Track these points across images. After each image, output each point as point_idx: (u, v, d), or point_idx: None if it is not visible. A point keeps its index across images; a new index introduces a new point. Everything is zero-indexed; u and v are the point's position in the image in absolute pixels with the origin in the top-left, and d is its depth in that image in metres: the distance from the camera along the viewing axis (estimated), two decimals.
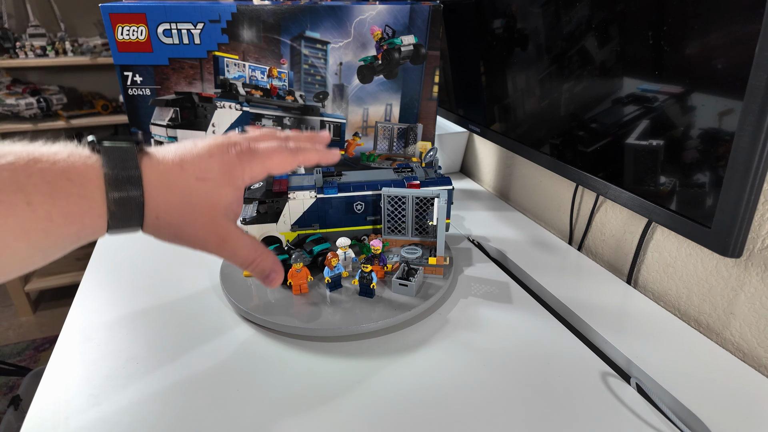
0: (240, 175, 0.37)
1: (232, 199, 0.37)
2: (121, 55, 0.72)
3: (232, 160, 0.36)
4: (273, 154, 0.39)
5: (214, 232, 0.36)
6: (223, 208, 0.36)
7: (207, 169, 0.35)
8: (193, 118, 0.76)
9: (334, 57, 0.73)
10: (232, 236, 0.37)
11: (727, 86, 0.39)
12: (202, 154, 0.36)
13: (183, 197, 0.34)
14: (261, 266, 0.39)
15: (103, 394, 0.42)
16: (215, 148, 0.36)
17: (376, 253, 0.53)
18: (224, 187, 0.36)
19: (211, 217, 0.35)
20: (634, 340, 0.49)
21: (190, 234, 0.35)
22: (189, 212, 0.34)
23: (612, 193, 0.52)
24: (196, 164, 0.35)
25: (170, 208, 0.34)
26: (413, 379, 0.44)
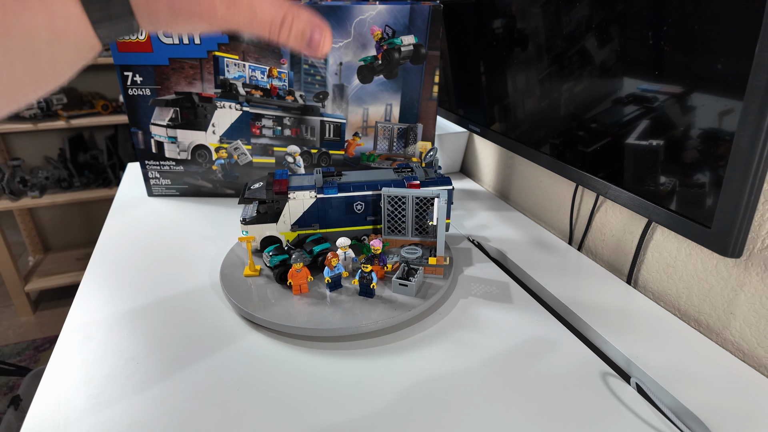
0: None
1: None
2: (121, 55, 0.72)
3: None
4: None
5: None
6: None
7: None
8: (193, 118, 0.76)
9: (334, 57, 0.73)
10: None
11: (727, 86, 0.39)
12: None
13: None
14: (297, 24, 0.29)
15: (103, 394, 0.42)
16: None
17: (376, 253, 0.53)
18: None
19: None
20: (634, 340, 0.49)
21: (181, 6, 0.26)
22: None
23: (612, 193, 0.52)
24: None
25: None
26: (413, 379, 0.44)
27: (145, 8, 0.27)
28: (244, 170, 0.80)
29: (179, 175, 0.80)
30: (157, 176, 0.80)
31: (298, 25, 0.28)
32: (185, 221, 0.74)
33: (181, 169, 0.80)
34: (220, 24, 0.27)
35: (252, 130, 0.77)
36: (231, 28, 0.27)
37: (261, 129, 0.77)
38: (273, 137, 0.78)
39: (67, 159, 2.09)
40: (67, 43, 0.25)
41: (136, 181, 0.90)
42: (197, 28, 0.27)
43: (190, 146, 0.78)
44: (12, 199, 1.97)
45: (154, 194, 0.82)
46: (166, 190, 0.82)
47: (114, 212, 0.77)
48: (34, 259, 2.10)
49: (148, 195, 0.83)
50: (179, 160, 0.79)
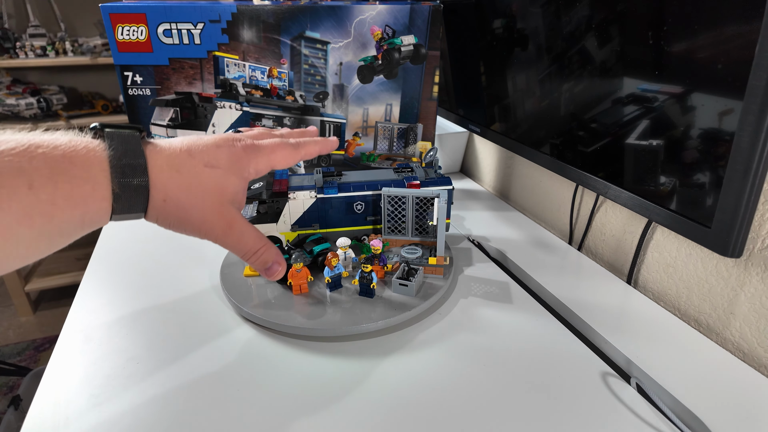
0: (246, 167, 0.38)
1: (239, 189, 0.38)
2: (121, 55, 0.72)
3: (238, 152, 0.37)
4: (276, 148, 0.40)
5: (221, 216, 0.36)
6: (230, 194, 0.37)
7: (215, 157, 0.36)
8: (193, 118, 0.76)
9: (334, 57, 0.73)
10: (238, 223, 0.37)
11: (727, 86, 0.39)
12: (210, 144, 0.37)
13: (192, 180, 0.34)
14: (264, 257, 0.39)
15: (103, 394, 0.42)
16: (221, 141, 0.37)
17: (376, 253, 0.53)
18: (232, 176, 0.37)
19: (219, 201, 0.36)
20: (634, 340, 0.49)
21: (197, 217, 0.35)
22: (198, 195, 0.35)
23: (612, 193, 0.52)
24: (204, 152, 0.36)
25: (179, 190, 0.34)
26: (413, 379, 0.44)
27: (159, 213, 0.34)
28: None
29: None
30: None
31: (264, 258, 0.39)
32: None
33: None
34: (214, 240, 0.37)
35: None
36: (220, 244, 0.37)
37: None
38: None
39: None
40: (87, 228, 0.32)
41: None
42: (190, 235, 0.37)
43: None
44: None
45: None
46: None
47: None
48: None
49: None
50: None
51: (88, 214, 0.31)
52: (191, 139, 0.37)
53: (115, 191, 0.31)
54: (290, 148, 0.41)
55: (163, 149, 0.34)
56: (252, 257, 0.39)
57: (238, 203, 0.38)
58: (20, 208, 0.27)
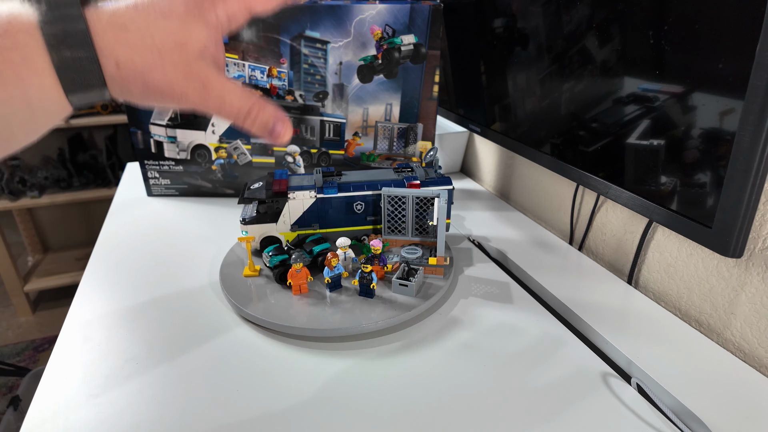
0: (210, 9, 0.31)
1: (206, 39, 0.31)
2: None
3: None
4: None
5: (189, 76, 0.30)
6: (196, 47, 0.30)
7: (168, 4, 0.30)
8: (193, 117, 0.76)
9: (334, 56, 0.73)
10: (215, 80, 0.31)
11: (727, 86, 0.39)
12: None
13: (143, 35, 0.29)
14: (261, 116, 0.33)
15: (102, 394, 0.42)
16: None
17: (376, 253, 0.53)
18: (192, 23, 0.30)
19: (182, 57, 0.30)
20: (634, 340, 0.49)
21: (161, 79, 0.30)
22: (154, 52, 0.29)
23: (613, 192, 0.52)
24: (154, 2, 0.30)
25: (130, 51, 0.29)
26: (413, 379, 0.44)
27: (119, 82, 0.29)
28: (243, 170, 0.80)
29: (179, 175, 0.80)
30: (157, 176, 0.80)
31: (262, 117, 0.32)
32: (185, 221, 0.74)
33: (180, 169, 0.80)
34: (191, 107, 0.31)
35: None
36: (201, 111, 0.31)
37: None
38: None
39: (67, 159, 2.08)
40: (40, 109, 0.28)
41: (135, 181, 0.90)
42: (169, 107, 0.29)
43: (189, 146, 0.78)
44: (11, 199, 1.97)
45: (153, 194, 0.82)
46: (166, 190, 0.82)
47: (113, 212, 0.77)
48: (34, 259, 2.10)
49: (148, 195, 0.82)
50: (179, 160, 0.79)
51: (31, 91, 0.27)
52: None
53: (55, 60, 0.27)
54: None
55: (104, 9, 0.29)
56: (246, 120, 0.32)
57: (213, 57, 0.32)
58: None
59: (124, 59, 0.29)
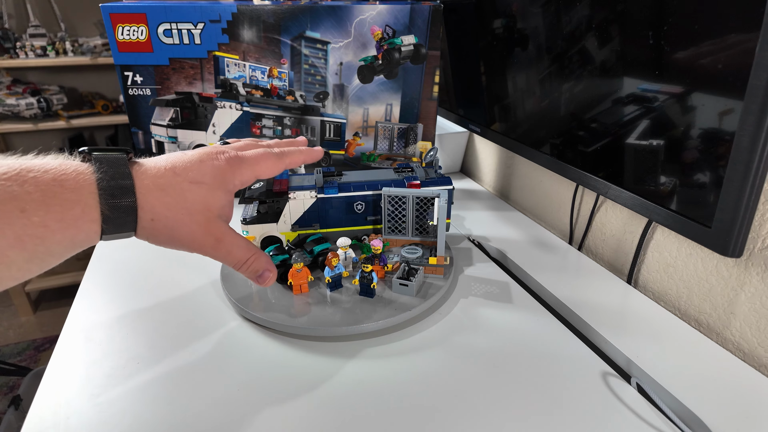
0: (231, 180, 0.38)
1: (225, 203, 0.38)
2: (121, 55, 0.72)
3: (222, 165, 0.38)
4: (260, 159, 0.41)
5: (209, 232, 0.37)
6: (217, 209, 0.38)
7: (200, 173, 0.36)
8: (194, 118, 0.76)
9: (335, 57, 0.73)
10: (227, 236, 0.39)
11: (727, 86, 0.39)
12: (194, 160, 0.37)
13: (178, 198, 0.35)
14: (254, 266, 0.41)
15: (103, 394, 0.42)
16: (205, 155, 0.38)
17: (377, 253, 0.53)
18: (217, 190, 0.37)
19: (206, 217, 0.37)
20: (634, 339, 0.49)
21: (186, 235, 0.36)
22: (185, 213, 0.36)
23: (612, 192, 0.52)
24: (188, 169, 0.36)
25: (166, 210, 0.35)
26: (413, 379, 0.44)
27: (149, 231, 0.35)
28: None
29: None
30: None
31: (255, 267, 0.41)
32: None
33: None
34: (204, 255, 0.38)
35: (252, 130, 0.77)
36: (213, 259, 0.39)
37: (261, 129, 0.77)
38: (273, 137, 0.78)
39: None
40: (79, 247, 0.32)
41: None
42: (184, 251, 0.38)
43: (190, 146, 0.78)
44: None
45: None
46: None
47: None
48: None
49: None
50: None
51: (79, 235, 0.31)
52: (176, 156, 0.37)
53: (104, 213, 0.32)
54: (274, 157, 0.42)
55: (148, 170, 0.35)
56: (243, 267, 0.41)
57: (226, 216, 0.39)
58: (13, 232, 0.28)
59: (160, 215, 0.35)
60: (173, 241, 0.37)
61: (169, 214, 0.35)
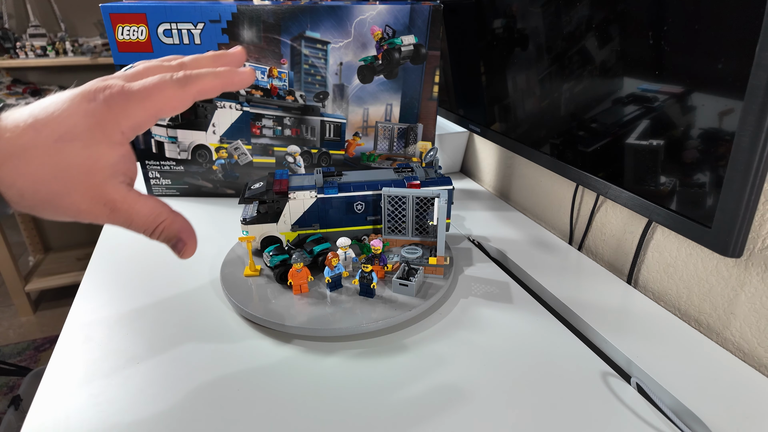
0: (115, 127, 0.29)
1: (115, 158, 0.30)
2: (121, 55, 0.72)
3: (99, 109, 0.29)
4: (153, 90, 0.30)
5: (99, 201, 0.30)
6: (104, 169, 0.29)
7: (70, 125, 0.28)
8: (194, 118, 0.76)
9: (335, 57, 0.73)
10: (123, 203, 0.31)
11: (727, 86, 0.39)
12: (61, 108, 0.28)
13: (44, 166, 0.27)
14: (168, 233, 0.33)
15: (103, 394, 0.42)
16: (78, 97, 0.29)
17: (377, 253, 0.53)
18: (97, 145, 0.29)
19: (90, 183, 0.29)
20: (634, 340, 0.49)
21: (69, 208, 0.29)
22: (59, 183, 0.28)
23: (612, 193, 0.52)
24: (53, 122, 0.28)
25: (34, 183, 0.28)
26: (413, 379, 0.44)
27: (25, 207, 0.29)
28: (244, 170, 0.80)
29: (179, 175, 0.80)
30: (158, 176, 0.80)
31: (167, 233, 0.33)
32: None
33: (181, 169, 0.80)
34: (103, 223, 0.31)
35: (252, 130, 0.77)
36: (113, 225, 0.32)
37: (261, 129, 0.77)
38: (273, 137, 0.78)
39: None
40: None
41: (136, 180, 0.90)
42: (82, 221, 0.31)
43: (190, 146, 0.78)
44: None
45: (154, 194, 0.82)
46: (167, 190, 0.82)
47: None
48: (35, 259, 2.11)
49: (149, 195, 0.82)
50: (179, 160, 0.79)
51: None
52: (42, 103, 0.29)
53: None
54: (175, 85, 0.31)
55: (4, 129, 0.27)
56: (154, 235, 0.33)
57: (122, 174, 0.31)
58: None
59: (29, 190, 0.28)
60: (59, 213, 0.29)
61: (41, 188, 0.28)
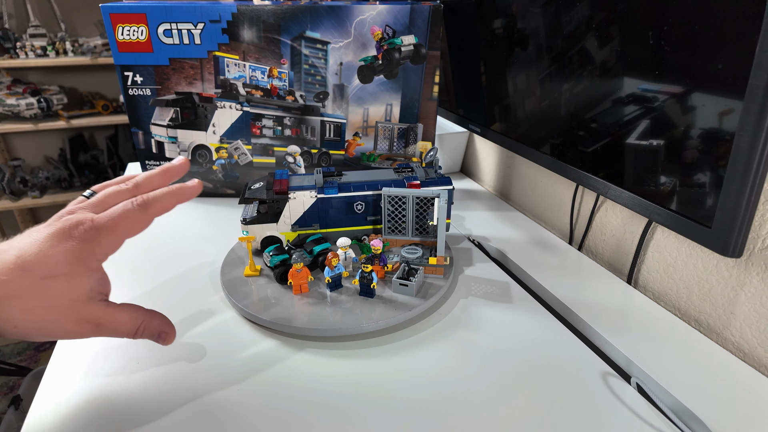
0: (92, 259, 0.34)
1: (93, 282, 0.34)
2: (121, 55, 0.72)
3: (77, 247, 0.33)
4: (119, 220, 0.35)
5: (84, 321, 0.34)
6: (85, 296, 0.34)
7: (53, 265, 0.32)
8: (194, 118, 0.76)
9: (335, 57, 0.73)
10: (105, 318, 0.35)
11: (727, 86, 0.39)
12: (43, 247, 0.32)
13: (36, 302, 0.31)
14: (149, 330, 0.38)
15: (103, 394, 0.42)
16: (57, 235, 0.33)
17: (377, 253, 0.53)
18: (79, 278, 0.33)
19: (75, 309, 0.33)
20: (634, 340, 0.49)
21: (60, 331, 0.33)
22: (49, 313, 0.32)
23: (612, 193, 0.52)
24: (39, 262, 0.32)
25: (28, 315, 0.32)
26: (413, 379, 0.44)
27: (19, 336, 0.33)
28: (244, 170, 0.80)
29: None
30: None
31: (149, 331, 0.39)
32: (185, 221, 0.74)
33: None
34: (92, 337, 0.36)
35: (252, 130, 0.77)
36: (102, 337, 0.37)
37: (261, 129, 0.77)
38: (273, 137, 0.78)
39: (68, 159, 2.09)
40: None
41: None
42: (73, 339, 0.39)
43: (190, 146, 0.78)
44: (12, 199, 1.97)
45: None
46: None
47: None
48: None
49: None
50: None
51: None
52: (23, 242, 0.33)
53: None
54: (137, 211, 0.36)
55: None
56: (137, 336, 0.38)
57: (99, 294, 0.35)
58: None
59: (22, 323, 0.32)
60: (48, 338, 0.33)
61: (33, 319, 0.32)
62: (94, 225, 0.34)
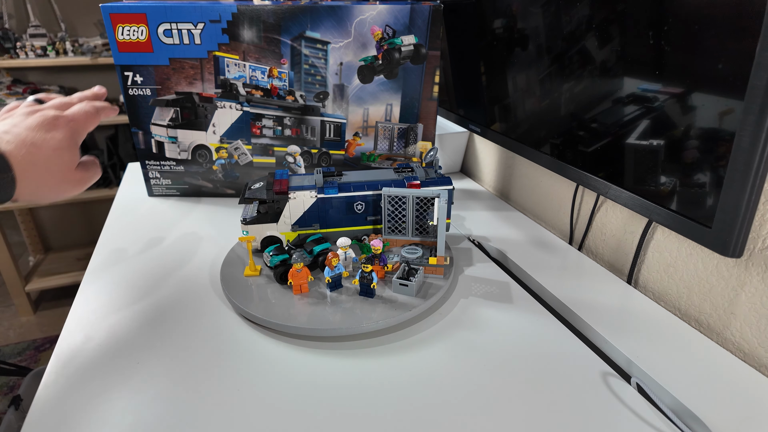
0: (77, 139, 0.45)
1: (75, 153, 0.45)
2: (121, 55, 0.72)
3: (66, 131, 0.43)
4: (84, 116, 0.46)
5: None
6: (73, 164, 0.44)
7: (59, 140, 0.42)
8: (194, 118, 0.76)
9: (335, 57, 0.73)
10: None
11: (727, 86, 0.39)
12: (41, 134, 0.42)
13: (51, 164, 0.42)
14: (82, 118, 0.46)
15: (103, 393, 0.42)
16: (46, 126, 0.42)
17: (377, 253, 0.53)
18: (73, 149, 0.44)
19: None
20: (634, 340, 0.49)
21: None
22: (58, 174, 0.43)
23: (612, 192, 0.52)
24: (46, 140, 0.42)
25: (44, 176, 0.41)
26: (413, 379, 0.44)
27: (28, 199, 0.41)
28: (244, 170, 0.80)
29: (179, 175, 0.80)
30: (158, 176, 0.80)
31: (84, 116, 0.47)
32: (185, 221, 0.74)
33: (181, 169, 0.80)
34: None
35: (252, 130, 0.77)
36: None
37: (261, 129, 0.77)
38: (273, 137, 0.78)
39: None
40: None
41: (136, 181, 0.91)
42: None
43: (190, 146, 0.78)
44: None
45: (154, 194, 0.82)
46: (167, 190, 0.82)
47: (114, 212, 0.77)
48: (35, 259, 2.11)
49: (149, 195, 0.83)
50: (180, 160, 0.79)
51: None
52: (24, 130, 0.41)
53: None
54: (94, 112, 0.47)
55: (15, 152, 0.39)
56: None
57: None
58: None
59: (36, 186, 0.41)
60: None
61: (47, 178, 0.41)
62: (71, 118, 0.45)
